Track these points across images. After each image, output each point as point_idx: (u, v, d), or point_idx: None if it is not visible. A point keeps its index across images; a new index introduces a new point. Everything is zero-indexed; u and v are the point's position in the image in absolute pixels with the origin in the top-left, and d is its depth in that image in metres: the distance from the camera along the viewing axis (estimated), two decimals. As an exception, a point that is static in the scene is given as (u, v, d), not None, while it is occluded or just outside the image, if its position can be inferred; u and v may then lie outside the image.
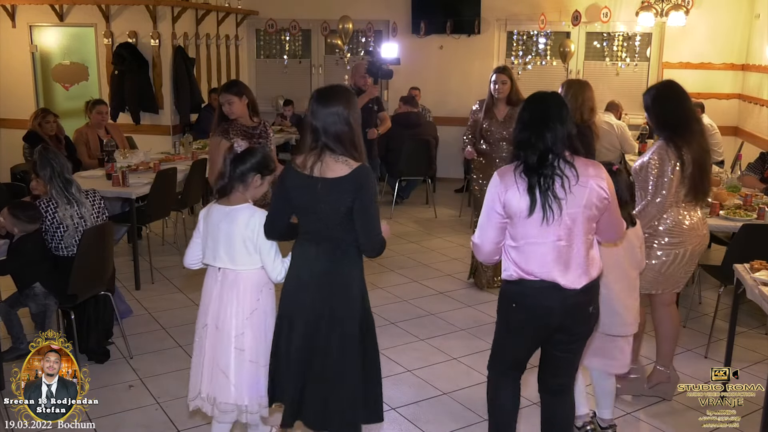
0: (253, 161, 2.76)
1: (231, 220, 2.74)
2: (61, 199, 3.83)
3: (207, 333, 2.81)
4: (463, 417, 3.49)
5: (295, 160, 2.63)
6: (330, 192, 2.53)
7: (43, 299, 3.87)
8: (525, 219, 2.50)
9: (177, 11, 7.72)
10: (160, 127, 7.88)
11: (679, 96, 3.47)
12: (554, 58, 9.07)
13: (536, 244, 2.52)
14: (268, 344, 2.76)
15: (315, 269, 2.63)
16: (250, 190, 2.78)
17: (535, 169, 2.48)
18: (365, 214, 2.55)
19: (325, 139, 2.55)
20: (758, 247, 3.78)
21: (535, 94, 2.70)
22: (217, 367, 2.77)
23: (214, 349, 2.78)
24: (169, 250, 6.23)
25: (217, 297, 2.81)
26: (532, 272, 2.54)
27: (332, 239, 2.61)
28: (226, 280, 2.80)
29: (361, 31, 9.24)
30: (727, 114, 8.57)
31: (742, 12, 8.44)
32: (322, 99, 2.59)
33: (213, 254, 2.83)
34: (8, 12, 7.89)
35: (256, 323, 2.78)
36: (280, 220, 2.69)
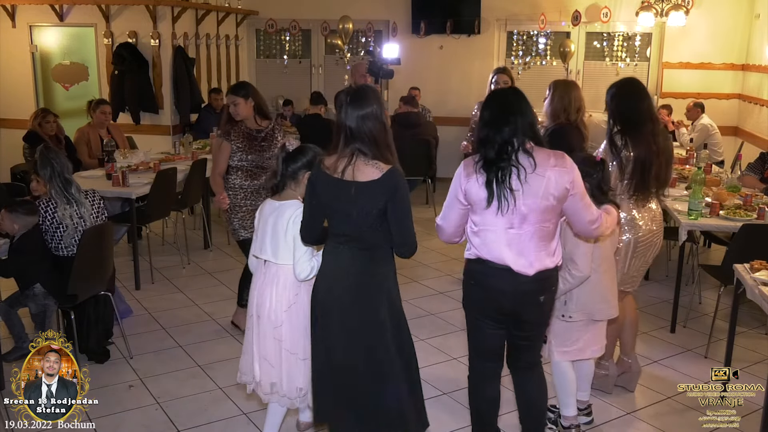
0: (304, 159, 2.85)
1: (279, 214, 2.84)
2: (60, 198, 3.83)
3: (252, 323, 2.94)
4: (463, 417, 3.49)
5: (324, 162, 2.61)
6: (362, 196, 2.52)
7: (42, 299, 3.87)
8: (483, 208, 2.63)
9: (177, 11, 7.71)
10: (160, 127, 7.87)
11: (638, 94, 3.50)
12: (554, 58, 9.07)
13: (491, 230, 2.66)
14: (304, 338, 2.83)
15: (350, 273, 2.62)
16: (300, 186, 2.85)
17: (493, 162, 2.58)
18: (400, 217, 2.57)
19: (360, 142, 2.53)
20: (758, 247, 3.77)
21: (495, 91, 2.87)
22: (261, 353, 2.91)
23: (258, 337, 2.91)
24: (169, 250, 6.23)
25: (259, 288, 2.92)
26: (488, 256, 2.69)
27: (365, 242, 2.60)
28: (269, 272, 2.90)
29: (361, 31, 9.23)
30: (727, 114, 8.57)
31: (742, 12, 8.44)
32: (355, 101, 2.56)
33: (260, 246, 2.93)
34: (8, 12, 7.89)
35: (294, 317, 2.86)
36: (315, 224, 2.69)
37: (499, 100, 2.70)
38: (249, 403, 3.59)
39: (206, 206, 6.37)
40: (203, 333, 4.50)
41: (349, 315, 2.64)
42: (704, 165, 5.97)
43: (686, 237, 4.34)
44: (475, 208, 2.67)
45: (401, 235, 2.60)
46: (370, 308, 2.64)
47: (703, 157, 6.43)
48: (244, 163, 4.16)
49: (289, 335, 2.86)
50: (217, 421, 3.43)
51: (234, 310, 4.87)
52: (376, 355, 2.66)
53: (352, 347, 2.66)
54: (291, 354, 2.87)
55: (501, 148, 2.57)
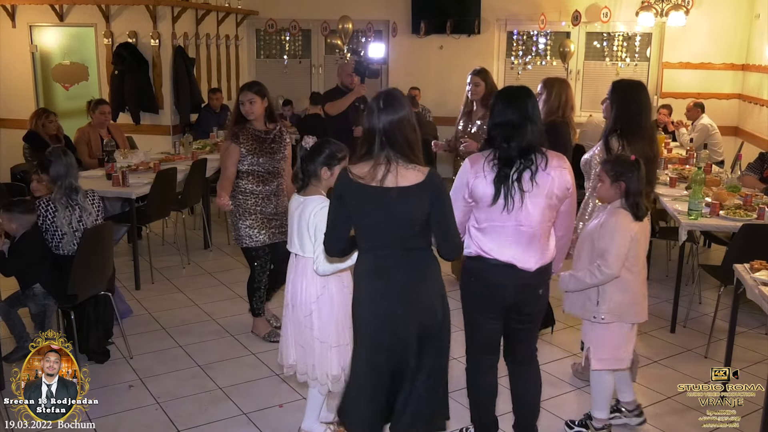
0: (319, 158, 2.96)
1: (303, 208, 2.96)
2: (60, 203, 3.81)
3: (288, 311, 3.10)
4: (463, 417, 3.48)
5: (354, 171, 2.49)
6: (408, 200, 2.44)
7: (42, 299, 3.87)
8: (488, 205, 2.68)
9: (177, 11, 7.72)
10: (160, 127, 7.87)
11: (642, 101, 3.56)
12: (554, 58, 9.07)
13: (498, 227, 2.71)
14: (338, 327, 2.97)
15: (398, 280, 2.53)
16: (322, 182, 2.98)
17: (512, 162, 2.64)
18: (445, 218, 2.50)
19: (396, 146, 2.47)
20: (758, 247, 3.77)
21: (510, 89, 2.82)
22: (296, 340, 3.07)
23: (293, 325, 3.07)
24: (169, 250, 6.23)
25: (293, 280, 3.07)
26: (491, 252, 2.74)
27: (409, 247, 2.53)
28: (299, 264, 3.04)
29: (361, 31, 9.23)
30: (727, 114, 8.57)
31: (742, 12, 8.44)
32: (389, 105, 2.49)
33: (290, 240, 3.07)
34: (8, 12, 7.89)
35: (323, 307, 2.97)
36: (341, 234, 2.57)
37: (522, 103, 2.69)
38: (249, 403, 3.60)
39: (206, 206, 6.37)
40: (203, 333, 4.50)
41: (407, 322, 2.54)
42: (704, 165, 5.96)
43: (686, 237, 4.34)
44: (479, 205, 2.72)
45: (447, 236, 2.53)
46: (429, 311, 2.57)
47: (703, 157, 6.43)
48: (255, 167, 4.08)
49: (318, 323, 2.97)
50: (217, 421, 3.43)
51: (234, 310, 4.89)
52: (438, 356, 2.62)
53: (406, 360, 2.57)
54: (321, 342, 2.98)
55: (525, 149, 2.64)
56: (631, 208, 3.05)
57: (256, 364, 4.06)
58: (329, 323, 2.98)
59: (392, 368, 2.60)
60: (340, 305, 2.98)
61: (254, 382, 3.84)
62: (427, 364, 2.60)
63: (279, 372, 3.93)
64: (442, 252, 2.58)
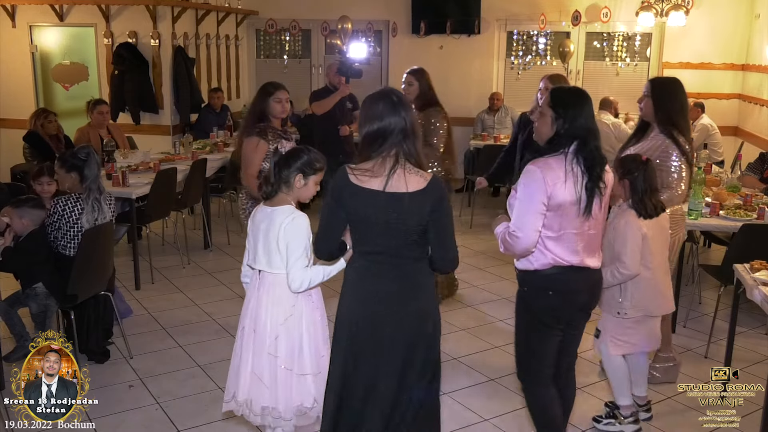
0: (297, 163, 2.68)
1: (270, 220, 2.67)
2: (89, 204, 3.84)
3: (244, 335, 2.76)
4: (463, 417, 3.49)
5: (355, 171, 2.39)
6: (408, 206, 2.34)
7: (44, 299, 3.87)
8: (568, 211, 2.59)
9: (177, 11, 7.71)
10: (160, 127, 7.87)
11: (683, 92, 3.68)
12: (554, 58, 9.06)
13: (573, 233, 2.64)
14: (306, 353, 2.70)
15: (388, 293, 2.43)
16: (293, 191, 2.70)
17: (594, 165, 2.59)
18: (444, 228, 2.41)
19: (406, 148, 2.37)
20: (758, 247, 3.78)
21: (574, 90, 2.76)
22: (252, 370, 2.71)
23: (250, 352, 2.73)
24: (169, 250, 6.23)
25: (255, 299, 2.76)
26: (567, 258, 2.66)
27: (403, 256, 2.41)
28: (264, 282, 2.74)
29: (361, 31, 9.23)
30: (727, 114, 8.57)
31: (742, 12, 8.43)
32: (400, 104, 2.39)
33: (253, 255, 2.77)
34: (8, 12, 7.88)
35: (291, 330, 2.69)
36: (334, 236, 2.48)
37: (589, 104, 2.66)
38: (249, 403, 3.59)
39: (206, 206, 6.37)
40: (203, 333, 4.50)
41: (395, 333, 2.44)
42: (704, 165, 5.96)
43: (686, 237, 4.33)
44: (558, 212, 2.60)
45: (445, 249, 2.44)
46: (419, 324, 2.47)
47: (703, 157, 6.43)
48: None
49: (285, 349, 2.68)
50: (217, 421, 3.43)
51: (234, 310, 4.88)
52: (423, 371, 2.50)
53: (394, 367, 2.46)
54: (287, 370, 2.69)
55: (600, 152, 2.61)
56: (636, 207, 3.13)
57: (256, 364, 4.06)
58: (296, 348, 2.69)
59: (367, 380, 2.46)
60: (311, 326, 2.73)
61: (254, 382, 3.84)
62: (411, 385, 2.47)
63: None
64: (437, 264, 2.48)
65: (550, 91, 2.74)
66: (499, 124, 8.49)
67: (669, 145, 3.54)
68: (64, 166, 3.88)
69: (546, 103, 2.69)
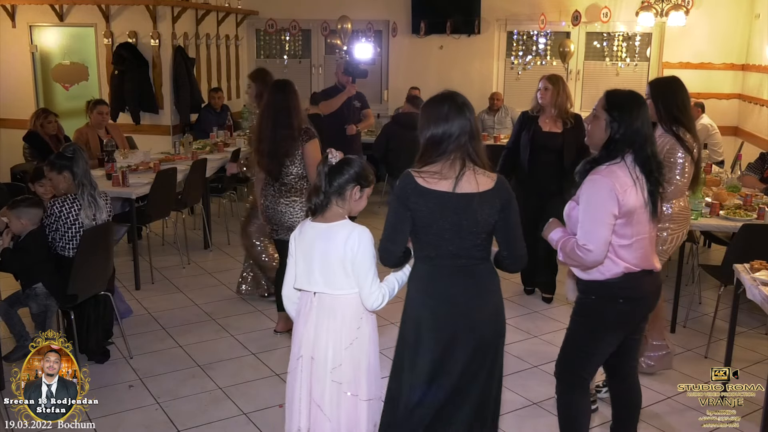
0: (351, 172, 2.47)
1: (327, 238, 2.45)
2: (83, 200, 3.84)
3: (302, 364, 2.54)
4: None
5: (422, 176, 2.36)
6: (479, 207, 2.34)
7: (44, 299, 3.87)
8: (640, 216, 2.59)
9: (177, 11, 7.71)
10: (160, 127, 7.87)
11: (684, 90, 3.71)
12: (554, 58, 9.07)
13: (644, 239, 2.64)
14: (370, 376, 2.55)
15: (457, 295, 2.41)
16: (348, 203, 2.49)
17: (651, 168, 2.60)
18: (514, 227, 2.41)
19: (466, 150, 2.37)
20: (758, 247, 3.78)
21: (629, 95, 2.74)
22: (315, 400, 2.53)
23: (310, 381, 2.53)
24: (169, 250, 6.23)
25: (312, 325, 2.52)
26: (639, 264, 2.65)
27: (472, 257, 2.40)
28: (323, 306, 2.51)
29: (360, 31, 9.23)
30: (727, 114, 8.57)
31: (742, 12, 8.43)
32: (465, 106, 2.42)
33: (307, 277, 2.52)
34: (8, 12, 7.88)
35: (356, 354, 2.51)
36: (403, 241, 2.42)
37: (645, 108, 2.66)
38: (249, 403, 3.60)
39: (206, 206, 6.37)
40: (203, 333, 4.50)
41: (468, 336, 2.42)
42: (704, 165, 5.96)
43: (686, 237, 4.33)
44: (630, 219, 2.58)
45: (515, 247, 2.43)
46: (493, 325, 2.47)
47: (703, 157, 6.42)
48: None
49: (350, 376, 2.50)
50: (217, 421, 3.43)
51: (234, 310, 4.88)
52: (493, 375, 2.50)
53: (471, 370, 2.45)
54: (352, 396, 2.51)
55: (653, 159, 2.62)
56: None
57: (256, 364, 4.06)
58: (362, 373, 2.52)
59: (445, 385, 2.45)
60: (373, 349, 2.57)
61: (254, 382, 3.84)
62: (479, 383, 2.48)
63: (279, 372, 3.94)
64: (507, 264, 2.48)
65: (605, 94, 2.73)
66: (499, 124, 8.50)
67: (674, 144, 3.56)
68: (54, 168, 3.89)
69: (601, 106, 2.68)
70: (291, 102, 3.96)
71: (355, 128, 6.33)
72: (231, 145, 7.02)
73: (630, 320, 2.74)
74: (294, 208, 4.05)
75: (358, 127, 6.38)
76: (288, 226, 4.03)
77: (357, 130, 6.37)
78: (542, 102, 4.75)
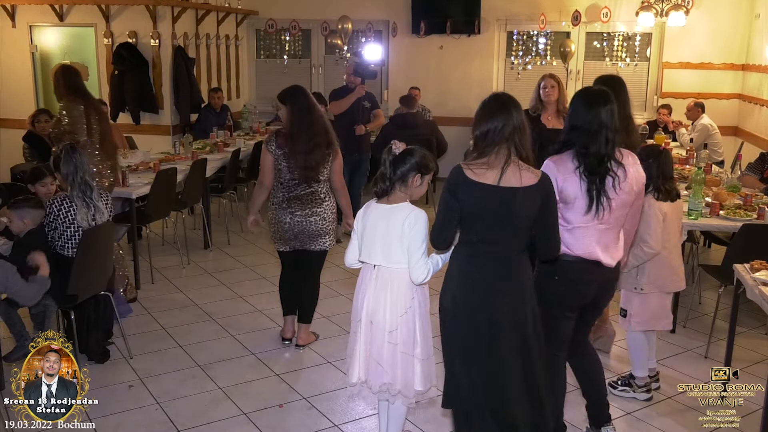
0: (413, 161, 2.79)
1: (390, 217, 2.79)
2: (79, 201, 3.83)
3: (362, 327, 2.89)
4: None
5: (471, 168, 2.54)
6: (523, 200, 2.51)
7: (43, 299, 3.86)
8: (576, 206, 2.78)
9: (177, 11, 7.71)
10: (160, 127, 7.87)
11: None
12: (554, 58, 9.06)
13: (585, 228, 2.81)
14: (420, 338, 2.83)
15: (492, 280, 2.60)
16: (410, 189, 2.81)
17: (594, 169, 2.76)
18: (553, 219, 2.63)
19: (514, 146, 2.53)
20: (758, 247, 3.78)
21: (589, 92, 2.92)
22: (371, 357, 2.86)
23: (369, 342, 2.87)
24: (169, 250, 6.22)
25: (372, 294, 2.85)
26: (578, 251, 2.83)
27: (511, 247, 2.59)
28: (381, 277, 2.84)
29: (361, 31, 9.23)
30: (727, 114, 8.57)
31: (742, 12, 8.43)
32: (511, 103, 2.58)
33: (369, 252, 2.86)
34: (8, 12, 7.89)
35: (410, 321, 2.82)
36: (452, 229, 2.62)
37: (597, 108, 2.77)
38: (249, 403, 3.60)
39: (206, 206, 6.36)
40: (203, 333, 4.50)
41: (498, 319, 2.61)
42: (704, 165, 5.97)
43: (686, 237, 4.34)
44: (568, 206, 2.79)
45: (552, 237, 2.65)
46: (520, 308, 2.63)
47: (703, 157, 6.43)
48: None
49: (404, 338, 2.81)
50: (217, 421, 3.43)
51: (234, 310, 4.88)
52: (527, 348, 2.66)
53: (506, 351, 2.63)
54: (404, 354, 2.82)
55: (601, 157, 2.75)
56: (654, 191, 3.49)
57: (256, 364, 4.07)
58: (413, 334, 2.83)
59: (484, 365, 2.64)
60: (425, 316, 2.88)
61: (254, 382, 3.84)
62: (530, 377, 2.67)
63: (279, 372, 3.94)
64: (542, 252, 2.69)
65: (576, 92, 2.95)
66: (499, 124, 8.48)
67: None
68: (51, 170, 3.98)
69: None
70: (317, 108, 4.05)
71: (364, 128, 6.40)
72: (231, 145, 7.03)
73: (569, 302, 2.91)
74: (327, 213, 4.02)
75: (368, 127, 6.48)
76: (317, 234, 4.02)
77: (366, 130, 6.44)
78: (548, 100, 4.91)
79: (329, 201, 4.06)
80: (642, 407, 3.61)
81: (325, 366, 4.03)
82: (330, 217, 4.06)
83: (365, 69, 6.50)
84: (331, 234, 4.10)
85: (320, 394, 3.70)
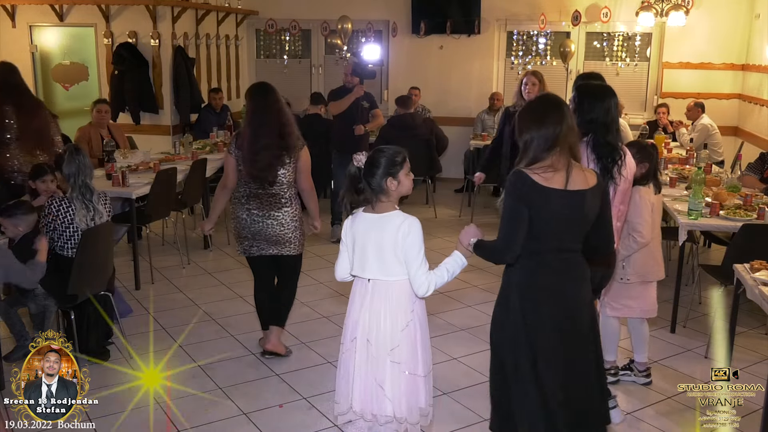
0: (380, 169, 2.59)
1: (381, 228, 2.61)
2: (78, 203, 3.83)
3: (356, 346, 2.67)
4: (463, 417, 3.49)
5: (536, 172, 2.46)
6: (590, 203, 2.51)
7: (42, 300, 3.87)
8: None
9: (177, 11, 7.71)
10: (160, 127, 7.87)
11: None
12: (554, 58, 9.07)
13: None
14: (421, 352, 2.67)
15: (566, 287, 2.58)
16: (391, 194, 2.62)
17: (604, 155, 2.98)
18: (610, 219, 2.65)
19: (570, 149, 2.52)
20: (758, 247, 3.78)
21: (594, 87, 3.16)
22: (373, 381, 2.65)
23: (366, 363, 2.66)
24: (169, 250, 6.22)
25: (367, 309, 2.66)
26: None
27: (572, 250, 2.57)
28: (377, 291, 2.65)
29: (361, 31, 9.24)
30: (727, 114, 8.57)
31: (742, 12, 8.43)
32: (564, 106, 2.57)
33: (362, 265, 2.66)
34: (8, 12, 7.88)
35: (411, 335, 2.64)
36: (521, 238, 2.49)
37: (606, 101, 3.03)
38: (249, 403, 3.60)
39: (206, 206, 6.37)
40: (203, 333, 4.50)
41: (580, 325, 2.60)
42: (704, 165, 5.97)
43: (686, 237, 4.34)
44: None
45: (609, 238, 2.68)
46: (590, 311, 2.67)
47: (703, 157, 6.43)
48: None
49: (407, 355, 2.63)
50: (216, 421, 3.43)
51: (234, 310, 4.88)
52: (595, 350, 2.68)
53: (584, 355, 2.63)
54: (411, 375, 2.65)
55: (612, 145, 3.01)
56: (654, 183, 3.67)
57: (256, 364, 4.07)
58: (416, 351, 2.66)
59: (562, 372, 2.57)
60: (424, 327, 2.71)
61: (254, 382, 3.84)
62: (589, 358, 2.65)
63: (279, 372, 3.94)
64: (601, 250, 2.69)
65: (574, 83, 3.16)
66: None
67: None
68: (53, 168, 3.99)
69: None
70: (281, 105, 3.83)
71: (363, 128, 6.40)
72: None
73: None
74: (286, 220, 3.88)
75: (367, 127, 6.48)
76: (275, 240, 3.89)
77: (365, 130, 6.45)
78: (528, 97, 4.93)
79: (291, 207, 3.89)
80: (642, 407, 3.61)
81: (325, 366, 4.03)
82: (290, 225, 3.88)
83: (363, 69, 6.50)
84: (294, 242, 3.92)
85: (320, 394, 3.70)
